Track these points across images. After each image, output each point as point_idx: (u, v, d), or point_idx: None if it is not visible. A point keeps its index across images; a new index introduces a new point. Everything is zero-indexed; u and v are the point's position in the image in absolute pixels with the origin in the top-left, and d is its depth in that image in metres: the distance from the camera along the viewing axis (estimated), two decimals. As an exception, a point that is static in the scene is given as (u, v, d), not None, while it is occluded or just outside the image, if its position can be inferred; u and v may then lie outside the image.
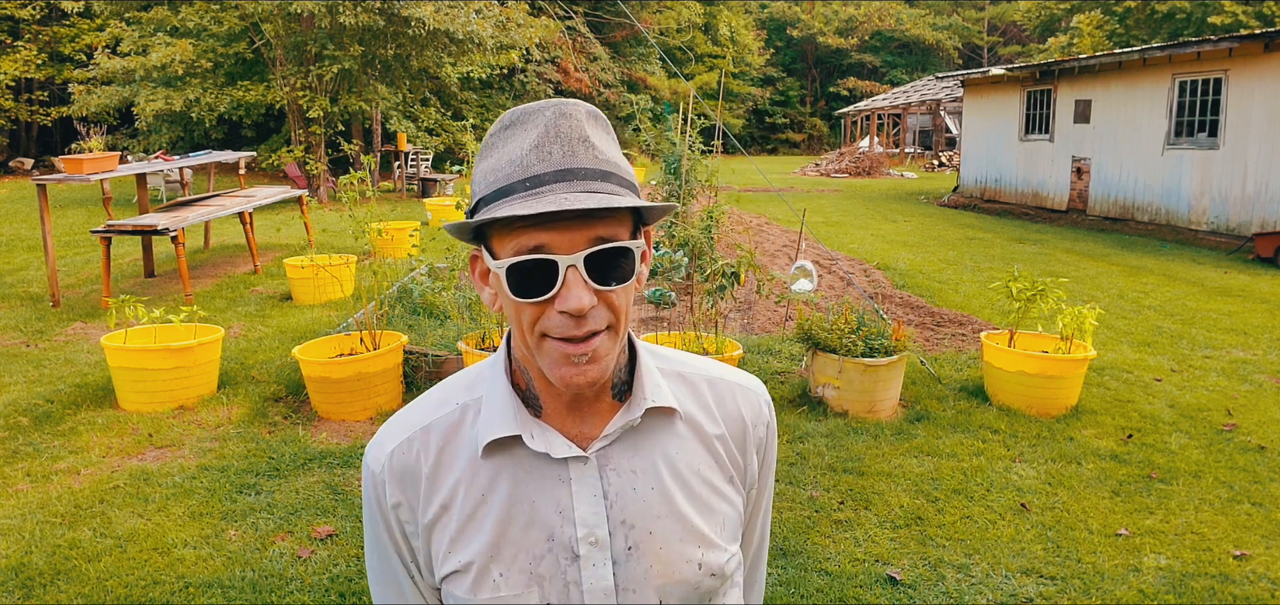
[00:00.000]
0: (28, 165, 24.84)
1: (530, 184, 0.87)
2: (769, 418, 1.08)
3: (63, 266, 9.46)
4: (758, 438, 1.06)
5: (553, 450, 0.94)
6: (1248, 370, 6.02)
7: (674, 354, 1.07)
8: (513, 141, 0.90)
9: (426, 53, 16.82)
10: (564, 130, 0.89)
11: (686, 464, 0.99)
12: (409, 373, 5.32)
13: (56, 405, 5.08)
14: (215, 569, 3.29)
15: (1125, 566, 3.38)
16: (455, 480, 0.97)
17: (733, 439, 1.03)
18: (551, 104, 0.91)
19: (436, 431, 0.98)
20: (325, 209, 15.12)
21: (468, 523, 0.95)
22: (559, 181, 0.87)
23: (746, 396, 1.06)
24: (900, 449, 4.50)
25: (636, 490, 0.96)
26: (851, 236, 12.83)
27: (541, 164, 0.87)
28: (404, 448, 0.98)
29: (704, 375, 1.05)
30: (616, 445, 0.97)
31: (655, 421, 0.99)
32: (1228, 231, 12.14)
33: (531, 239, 0.86)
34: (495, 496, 0.95)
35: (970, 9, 48.39)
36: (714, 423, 1.02)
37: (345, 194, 5.82)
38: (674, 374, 1.03)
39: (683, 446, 1.00)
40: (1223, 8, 23.86)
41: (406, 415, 1.02)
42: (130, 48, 17.33)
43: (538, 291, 0.87)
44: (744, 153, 10.36)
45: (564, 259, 0.86)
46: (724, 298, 5.36)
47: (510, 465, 0.95)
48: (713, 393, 1.04)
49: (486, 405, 0.97)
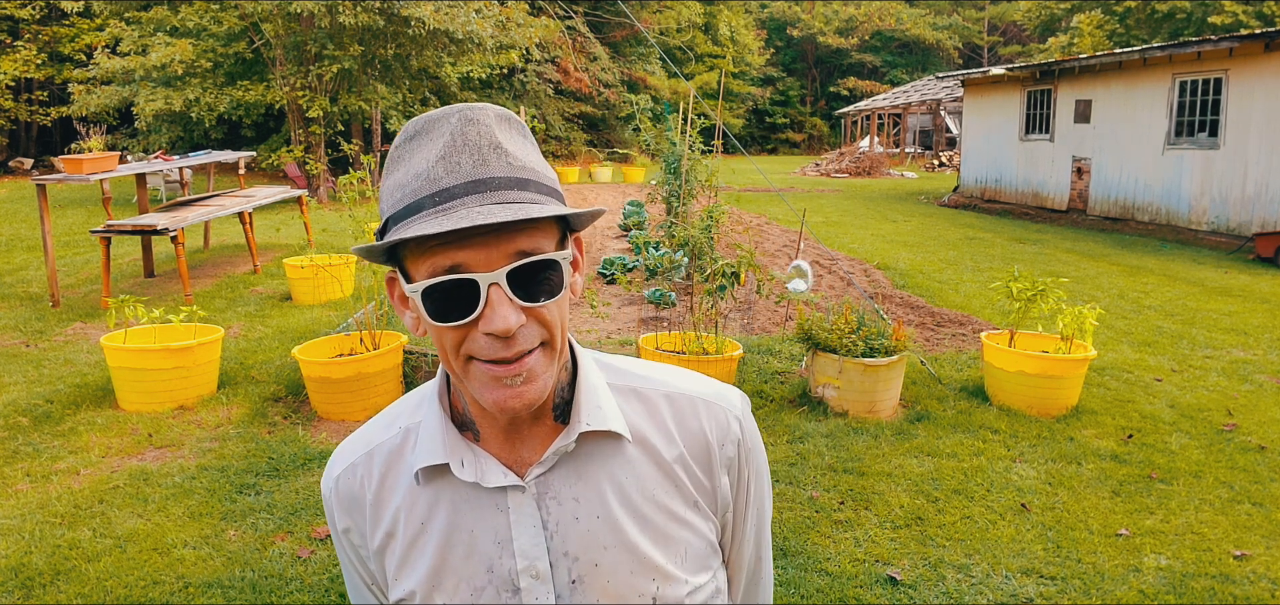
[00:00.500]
0: (27, 165, 24.85)
1: (439, 198, 0.80)
2: (740, 433, 0.97)
3: (62, 266, 9.46)
4: (727, 457, 0.96)
5: (485, 479, 0.89)
6: (1248, 370, 6.02)
7: (632, 366, 0.98)
8: (418, 153, 0.83)
9: (426, 52, 16.82)
10: (472, 138, 0.82)
11: (638, 490, 0.91)
12: (408, 373, 5.31)
13: (56, 405, 5.07)
14: (215, 569, 3.28)
15: (1125, 566, 3.38)
16: (396, 507, 0.93)
17: (695, 460, 0.94)
18: (457, 109, 0.84)
19: (379, 456, 0.95)
20: (325, 209, 15.12)
21: (410, 550, 0.92)
22: (470, 194, 0.80)
23: (711, 412, 0.96)
24: (900, 449, 4.49)
25: (579, 520, 0.89)
26: (852, 236, 12.83)
27: (450, 176, 0.80)
28: (349, 473, 0.96)
29: (663, 390, 0.96)
30: (556, 472, 0.90)
31: (599, 445, 0.91)
32: (1228, 231, 12.14)
33: (446, 258, 0.80)
34: (434, 524, 0.91)
35: (970, 9, 48.39)
36: (671, 443, 0.93)
37: (345, 194, 5.82)
38: (627, 390, 0.95)
39: (633, 471, 0.91)
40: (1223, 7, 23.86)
41: (356, 437, 0.99)
42: (130, 47, 17.33)
43: (459, 314, 0.80)
44: (744, 153, 10.35)
45: (485, 277, 0.79)
46: (724, 298, 5.35)
47: (448, 492, 0.91)
48: (672, 410, 0.95)
49: (423, 431, 0.92)
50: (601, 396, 0.92)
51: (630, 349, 5.88)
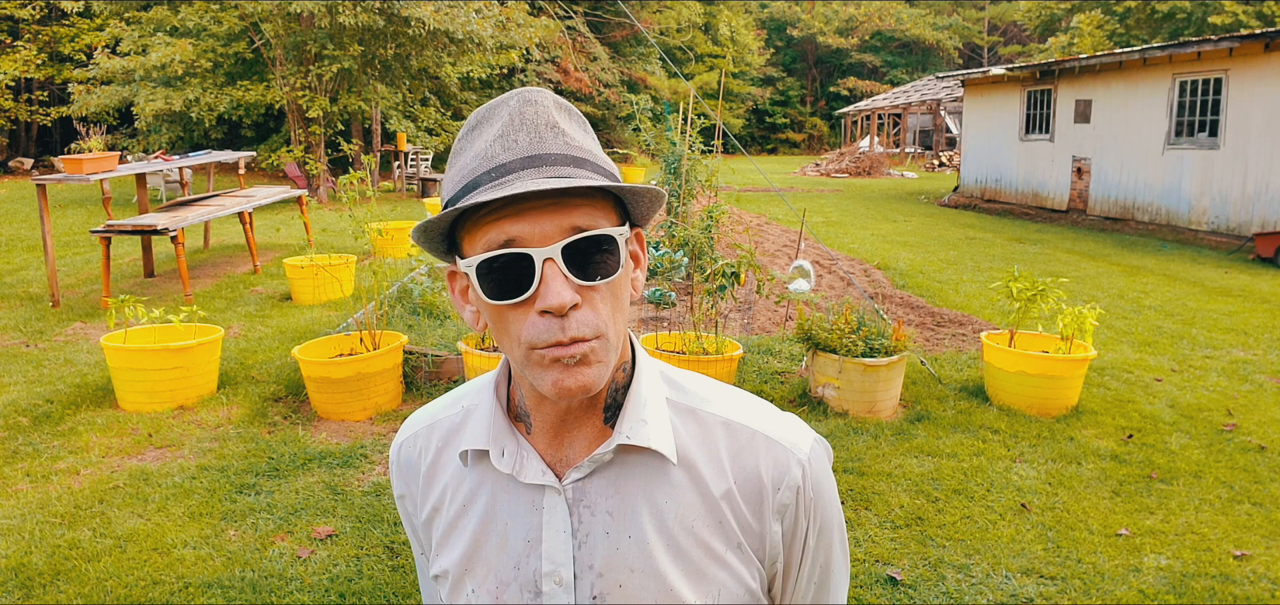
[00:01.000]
0: (27, 165, 24.84)
1: (495, 174, 0.79)
2: (801, 480, 0.88)
3: (62, 266, 9.46)
4: (780, 503, 0.87)
5: (522, 474, 0.87)
6: (1248, 370, 6.02)
7: (699, 386, 0.93)
8: (479, 138, 0.83)
9: (426, 52, 16.82)
10: (529, 117, 0.82)
11: (676, 517, 0.86)
12: (409, 373, 5.31)
13: (56, 405, 5.07)
14: (215, 569, 3.28)
15: (1125, 566, 3.38)
16: (444, 484, 0.94)
17: (744, 498, 0.87)
18: (516, 92, 0.84)
19: (439, 431, 0.97)
20: (325, 209, 15.12)
21: (451, 529, 0.93)
22: (526, 168, 0.79)
23: (771, 451, 0.88)
24: (900, 449, 4.49)
25: (610, 535, 0.85)
26: (851, 236, 12.83)
27: (506, 153, 0.80)
28: (411, 442, 0.99)
29: (723, 417, 0.89)
30: (594, 480, 0.87)
31: (643, 461, 0.87)
32: (1228, 231, 12.14)
33: (501, 233, 0.78)
34: (474, 508, 0.91)
35: (970, 9, 48.39)
36: (721, 475, 0.87)
37: (345, 194, 5.82)
38: (685, 409, 0.90)
39: (674, 496, 0.86)
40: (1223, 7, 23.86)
41: (425, 410, 1.01)
42: (130, 47, 17.33)
43: (514, 292, 0.79)
44: (744, 153, 10.35)
45: (539, 252, 0.77)
46: (724, 298, 5.35)
47: (491, 480, 0.90)
48: (728, 439, 0.88)
49: (477, 413, 0.92)
50: (650, 410, 0.87)
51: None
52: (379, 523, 3.64)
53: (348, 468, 4.21)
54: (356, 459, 4.31)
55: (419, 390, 5.30)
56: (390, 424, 4.82)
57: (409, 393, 5.25)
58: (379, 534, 3.54)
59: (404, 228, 10.05)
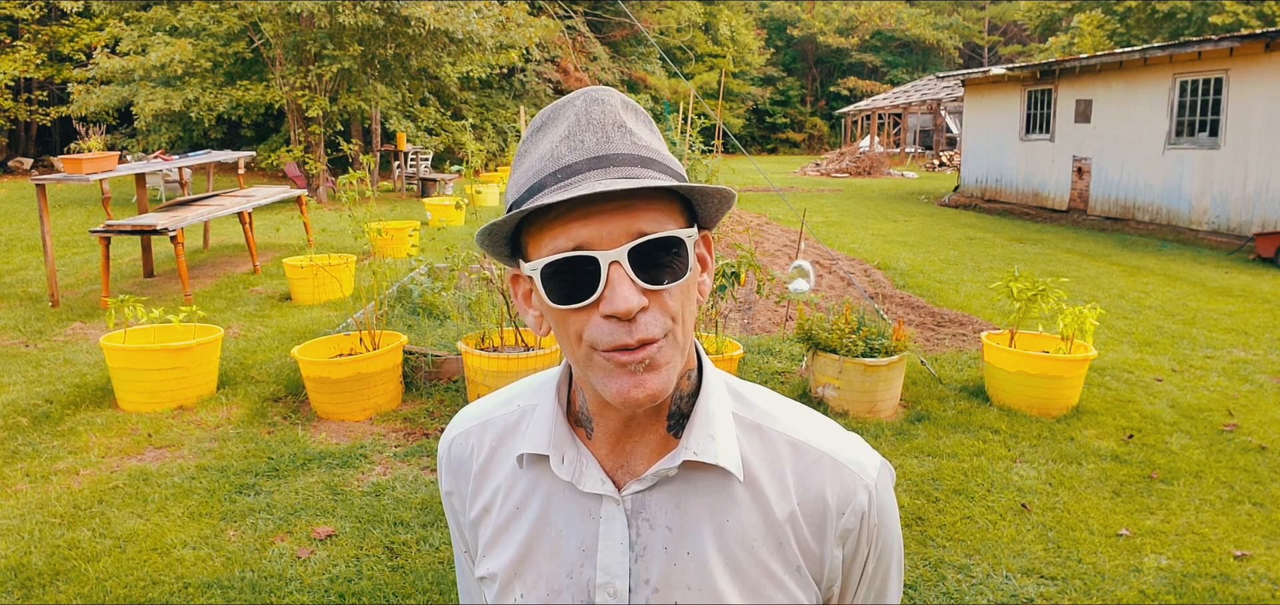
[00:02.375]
0: (27, 165, 24.84)
1: (561, 175, 0.77)
2: (866, 506, 0.86)
3: (62, 266, 9.45)
4: (844, 528, 0.85)
5: (581, 482, 0.85)
6: (1249, 370, 6.02)
7: (765, 402, 0.90)
8: (544, 139, 0.81)
9: (426, 52, 16.82)
10: (596, 116, 0.79)
11: (737, 537, 0.84)
12: (408, 373, 5.31)
13: (55, 405, 5.07)
14: (214, 569, 3.28)
15: (1126, 567, 3.37)
16: (497, 485, 0.93)
17: (807, 521, 0.85)
18: (583, 92, 0.82)
19: (493, 430, 0.95)
20: (324, 209, 15.11)
21: (502, 531, 0.91)
22: (593, 169, 0.77)
23: (838, 474, 0.86)
24: (901, 449, 4.49)
25: (668, 550, 0.84)
26: (852, 236, 12.82)
27: (573, 153, 0.78)
28: (462, 439, 0.97)
29: (789, 437, 0.87)
30: (655, 493, 0.85)
31: (706, 477, 0.85)
32: (1228, 231, 12.14)
33: (567, 237, 0.76)
34: (528, 512, 0.89)
35: (971, 8, 48.38)
36: (785, 496, 0.85)
37: (344, 194, 5.81)
38: (750, 425, 0.87)
39: (736, 515, 0.84)
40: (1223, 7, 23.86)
41: (478, 406, 0.99)
42: (129, 47, 17.32)
43: (580, 296, 0.77)
44: (744, 152, 10.34)
45: (605, 255, 0.75)
46: (724, 298, 5.35)
47: (547, 484, 0.88)
48: (794, 459, 0.86)
49: (536, 415, 0.90)
50: (718, 425, 0.85)
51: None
52: (379, 523, 3.64)
53: (347, 468, 4.21)
54: (356, 459, 4.31)
55: (419, 390, 5.29)
56: (390, 424, 4.81)
57: (409, 393, 5.25)
58: (379, 534, 3.54)
59: (403, 228, 10.05)
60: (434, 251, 7.82)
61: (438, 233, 8.27)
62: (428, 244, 8.95)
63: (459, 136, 21.37)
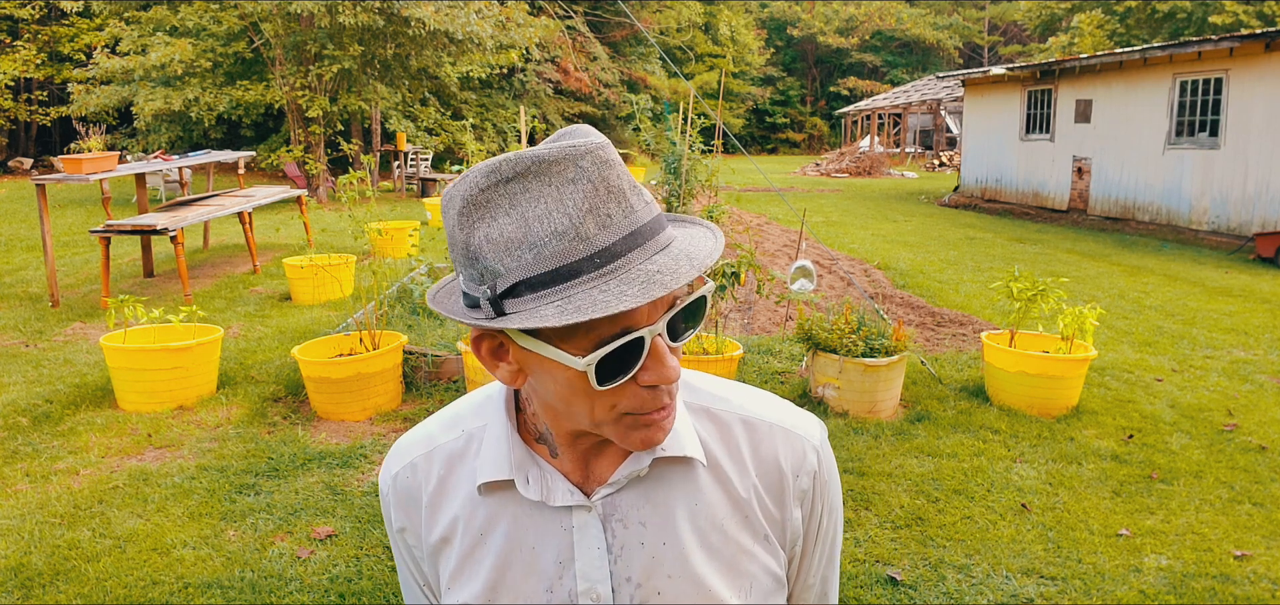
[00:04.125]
0: (27, 165, 24.84)
1: (600, 261, 0.72)
2: (816, 465, 0.92)
3: (62, 266, 9.45)
4: (800, 489, 0.91)
5: (552, 498, 0.85)
6: (1249, 370, 6.02)
7: (709, 385, 0.94)
8: (537, 202, 0.73)
9: (426, 52, 16.82)
10: (614, 183, 0.74)
11: (707, 518, 0.87)
12: (408, 373, 5.31)
13: (55, 405, 5.07)
14: (214, 569, 3.28)
15: (1126, 567, 3.37)
16: (454, 515, 0.90)
17: (768, 492, 0.90)
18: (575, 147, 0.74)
19: (439, 458, 0.92)
20: (324, 209, 15.11)
21: (466, 560, 0.89)
22: (632, 249, 0.73)
23: (788, 441, 0.91)
24: (901, 449, 4.49)
25: (645, 545, 0.86)
26: (852, 236, 12.83)
27: (605, 233, 0.72)
28: (408, 472, 0.94)
29: (740, 415, 0.92)
30: (625, 493, 0.87)
31: (671, 469, 0.87)
32: (1228, 231, 12.14)
33: (615, 324, 0.74)
34: (493, 538, 0.88)
35: (971, 8, 48.39)
36: (744, 472, 0.89)
37: (344, 194, 5.81)
38: (701, 411, 0.91)
39: (703, 498, 0.88)
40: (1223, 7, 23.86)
41: (415, 434, 0.96)
42: (129, 47, 17.32)
43: (622, 373, 0.75)
44: (744, 152, 10.35)
45: (649, 330, 0.75)
46: (724, 298, 5.35)
47: (510, 506, 0.87)
48: (748, 437, 0.91)
49: (488, 439, 0.89)
50: (678, 419, 0.87)
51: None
52: (379, 523, 3.64)
53: (347, 468, 4.21)
54: (356, 459, 4.31)
55: (419, 390, 5.29)
56: (390, 424, 4.82)
57: (409, 393, 5.25)
58: (379, 534, 3.54)
59: (403, 228, 10.05)
60: (434, 251, 7.83)
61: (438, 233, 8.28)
62: (428, 244, 8.95)
63: (459, 136, 21.36)
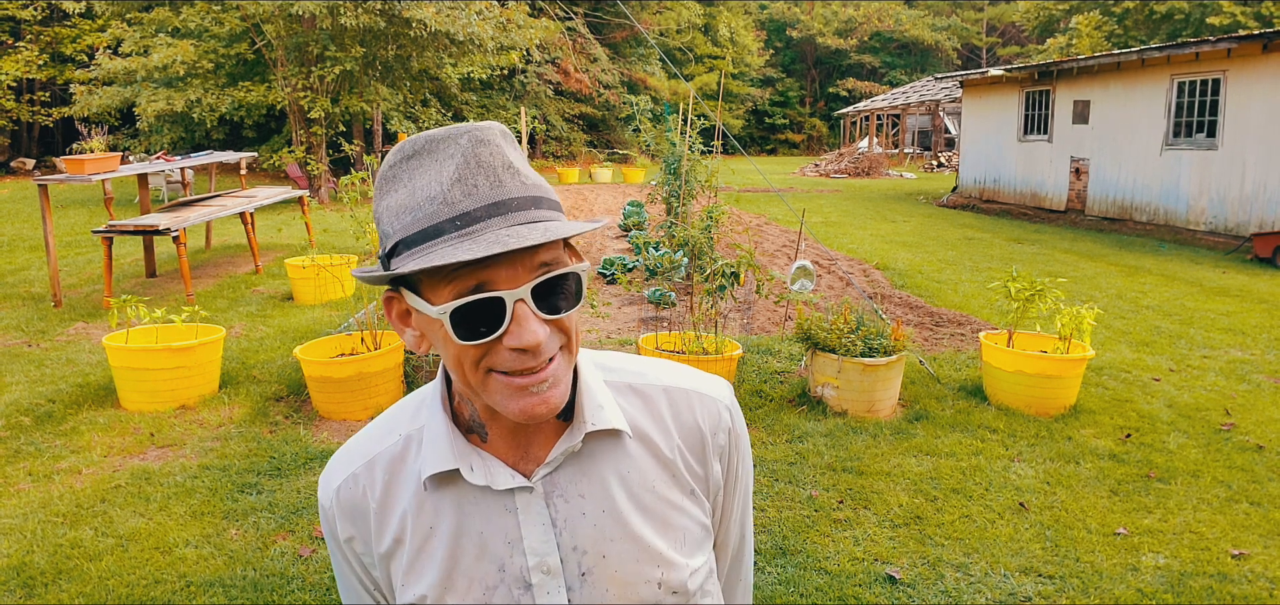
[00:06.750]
0: (29, 165, 24.86)
1: (461, 222, 0.80)
2: (730, 422, 1.02)
3: (64, 266, 9.47)
4: (718, 446, 1.00)
5: (495, 482, 0.90)
6: (1246, 370, 6.03)
7: (627, 363, 1.02)
8: (423, 174, 0.83)
9: (427, 54, 16.85)
10: (485, 159, 0.82)
11: (639, 482, 0.95)
12: (410, 372, 5.33)
13: (58, 405, 5.09)
14: (217, 568, 3.30)
15: (1123, 565, 3.39)
16: (403, 513, 0.94)
17: (690, 451, 0.98)
18: (464, 129, 0.84)
19: (381, 464, 0.96)
20: (326, 209, 15.13)
21: (418, 556, 0.93)
22: (492, 216, 0.81)
23: (704, 404, 1.00)
24: (899, 448, 4.51)
25: (586, 515, 0.92)
26: (851, 236, 12.84)
27: (468, 199, 0.81)
28: (350, 483, 0.96)
29: (660, 384, 1.00)
30: (562, 470, 0.93)
31: (601, 442, 0.94)
32: (1226, 231, 12.16)
33: (472, 279, 0.80)
34: (442, 529, 0.92)
35: (969, 10, 48.40)
36: (667, 436, 0.97)
37: (346, 194, 5.83)
38: (624, 387, 0.98)
39: (634, 465, 0.95)
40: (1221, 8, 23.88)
41: (353, 446, 0.99)
42: (132, 48, 17.35)
43: (484, 331, 0.81)
44: (744, 153, 10.37)
45: (510, 294, 0.80)
46: (724, 298, 5.37)
47: (455, 497, 0.92)
48: (669, 403, 0.99)
49: (427, 437, 0.93)
50: (601, 396, 0.95)
51: (630, 348, 5.90)
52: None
53: (349, 467, 4.22)
54: (358, 458, 4.32)
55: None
56: (391, 424, 4.83)
57: (410, 393, 5.26)
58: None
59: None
60: (434, 252, 7.84)
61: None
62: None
63: (459, 137, 21.35)
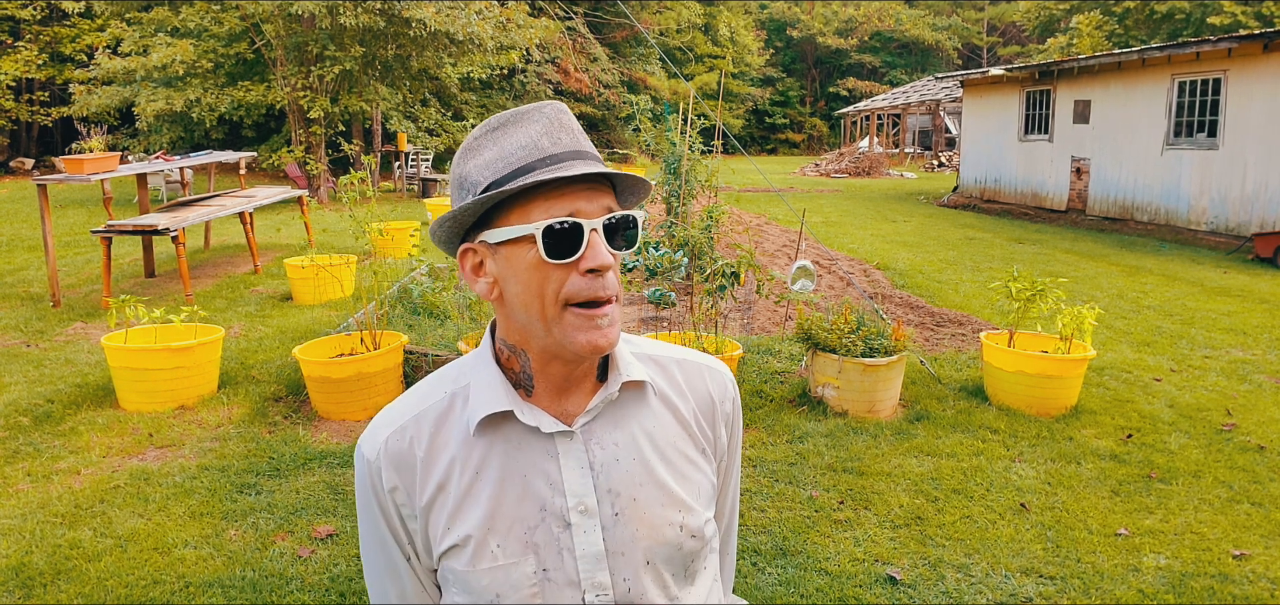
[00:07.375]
0: (28, 165, 24.85)
1: (550, 160, 0.96)
2: (733, 394, 1.17)
3: (63, 266, 9.46)
4: (725, 413, 1.15)
5: (542, 425, 1.02)
6: (1247, 370, 6.03)
7: (645, 341, 1.17)
8: (511, 136, 0.99)
9: (427, 53, 16.83)
10: (566, 122, 1.01)
11: (663, 436, 1.08)
12: (409, 373, 5.32)
13: (57, 405, 5.08)
14: (216, 569, 3.29)
15: (1125, 566, 3.38)
16: (450, 459, 1.03)
17: (702, 414, 1.12)
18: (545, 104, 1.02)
19: (428, 418, 1.05)
20: (325, 209, 15.12)
21: (464, 498, 1.02)
22: (575, 159, 0.97)
23: (713, 376, 1.15)
24: (900, 449, 4.50)
25: (619, 461, 1.04)
26: (851, 236, 12.84)
27: (555, 145, 0.98)
28: (398, 435, 1.04)
29: (673, 358, 1.15)
30: (599, 420, 1.05)
31: (632, 398, 1.07)
32: (1227, 231, 12.15)
33: (562, 207, 0.95)
34: (489, 472, 1.02)
35: (970, 9, 48.39)
36: (684, 400, 1.11)
37: (345, 194, 5.83)
38: (646, 357, 1.12)
39: (658, 421, 1.08)
40: (1222, 8, 23.87)
41: (398, 406, 1.08)
42: (131, 48, 17.34)
43: (568, 254, 0.95)
44: (744, 153, 10.37)
45: (588, 222, 0.96)
46: (724, 298, 5.36)
47: (501, 442, 1.02)
48: (682, 373, 1.13)
49: (475, 389, 1.04)
50: (628, 357, 1.08)
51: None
52: (379, 522, 3.64)
53: (348, 467, 4.22)
54: (357, 459, 4.32)
55: (419, 390, 5.30)
56: (390, 424, 4.82)
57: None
58: (379, 533, 3.55)
59: (404, 228, 10.06)
60: (434, 252, 7.84)
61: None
62: (428, 244, 8.95)
63: (459, 137, 21.38)
